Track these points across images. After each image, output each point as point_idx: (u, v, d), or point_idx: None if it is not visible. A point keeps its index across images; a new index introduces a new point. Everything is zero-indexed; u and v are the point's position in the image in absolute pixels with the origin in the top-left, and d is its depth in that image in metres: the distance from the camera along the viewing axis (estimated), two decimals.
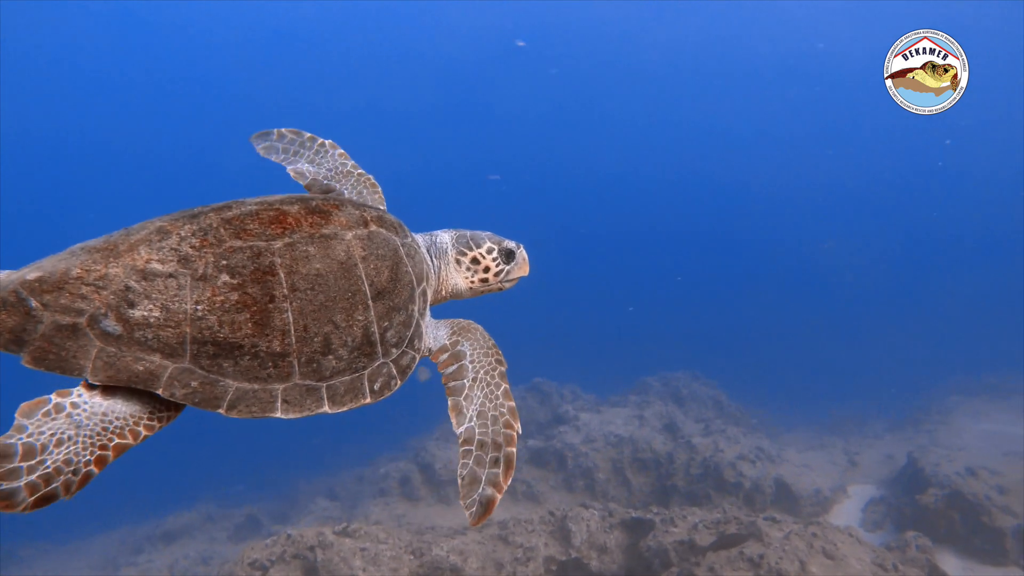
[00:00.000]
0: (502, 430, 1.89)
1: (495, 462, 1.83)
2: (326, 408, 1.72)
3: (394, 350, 1.88)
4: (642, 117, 45.87)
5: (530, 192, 46.32)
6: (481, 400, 1.95)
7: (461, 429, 1.90)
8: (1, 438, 1.40)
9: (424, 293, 2.05)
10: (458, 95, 46.09)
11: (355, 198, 2.26)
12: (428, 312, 2.10)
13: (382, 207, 2.26)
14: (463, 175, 45.63)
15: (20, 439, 1.40)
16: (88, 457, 1.45)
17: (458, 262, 2.25)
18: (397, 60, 44.08)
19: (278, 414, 1.66)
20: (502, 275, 2.30)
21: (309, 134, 2.43)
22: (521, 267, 2.34)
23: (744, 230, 41.24)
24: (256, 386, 1.64)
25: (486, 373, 2.00)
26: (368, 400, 1.80)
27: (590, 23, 40.59)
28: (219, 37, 41.96)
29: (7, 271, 1.68)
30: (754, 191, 43.52)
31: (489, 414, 1.92)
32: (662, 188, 45.55)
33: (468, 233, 2.30)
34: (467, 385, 1.97)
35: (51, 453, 1.41)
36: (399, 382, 1.88)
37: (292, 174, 2.34)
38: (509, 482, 1.82)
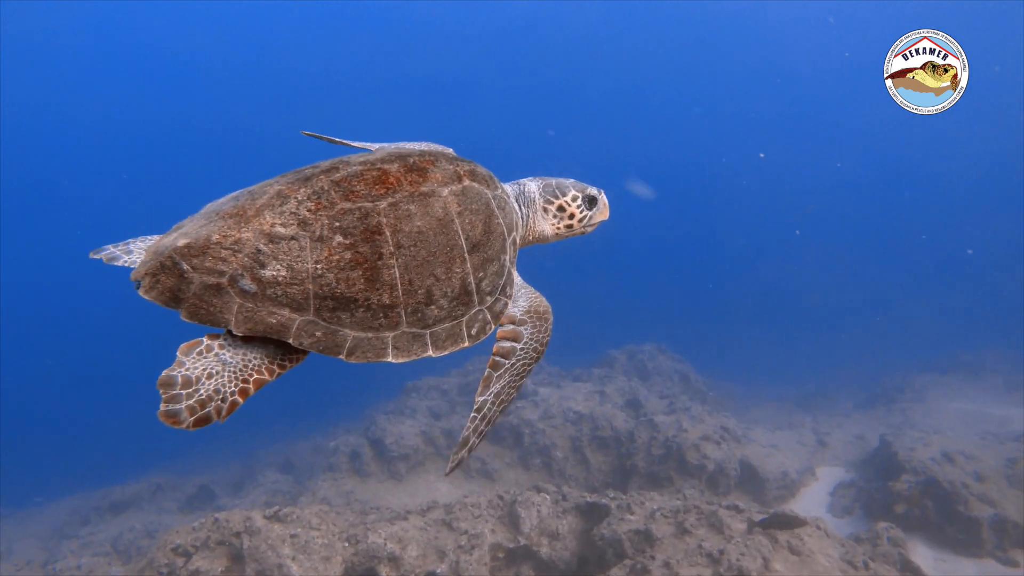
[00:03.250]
0: (499, 414, 2.05)
1: (483, 435, 2.02)
2: (430, 352, 1.86)
3: (488, 297, 2.02)
4: (621, 96, 45.48)
5: (517, 159, 45.69)
6: (506, 383, 2.06)
7: (481, 399, 2.02)
8: (167, 371, 1.62)
9: (514, 242, 2.17)
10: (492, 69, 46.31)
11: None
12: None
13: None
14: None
15: (180, 372, 1.62)
16: (233, 388, 1.66)
17: (545, 210, 2.33)
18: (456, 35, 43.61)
19: (389, 359, 1.80)
20: (585, 220, 2.38)
21: None
22: (603, 212, 2.41)
23: (717, 210, 41.16)
24: (370, 335, 1.78)
25: (523, 365, 2.09)
26: (467, 344, 1.94)
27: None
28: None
29: (158, 236, 1.99)
30: (731, 172, 43.34)
31: (501, 397, 2.05)
32: (638, 166, 45.17)
33: (554, 181, 2.36)
34: (506, 367, 2.07)
35: (203, 384, 1.62)
36: (493, 326, 2.03)
37: None
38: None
